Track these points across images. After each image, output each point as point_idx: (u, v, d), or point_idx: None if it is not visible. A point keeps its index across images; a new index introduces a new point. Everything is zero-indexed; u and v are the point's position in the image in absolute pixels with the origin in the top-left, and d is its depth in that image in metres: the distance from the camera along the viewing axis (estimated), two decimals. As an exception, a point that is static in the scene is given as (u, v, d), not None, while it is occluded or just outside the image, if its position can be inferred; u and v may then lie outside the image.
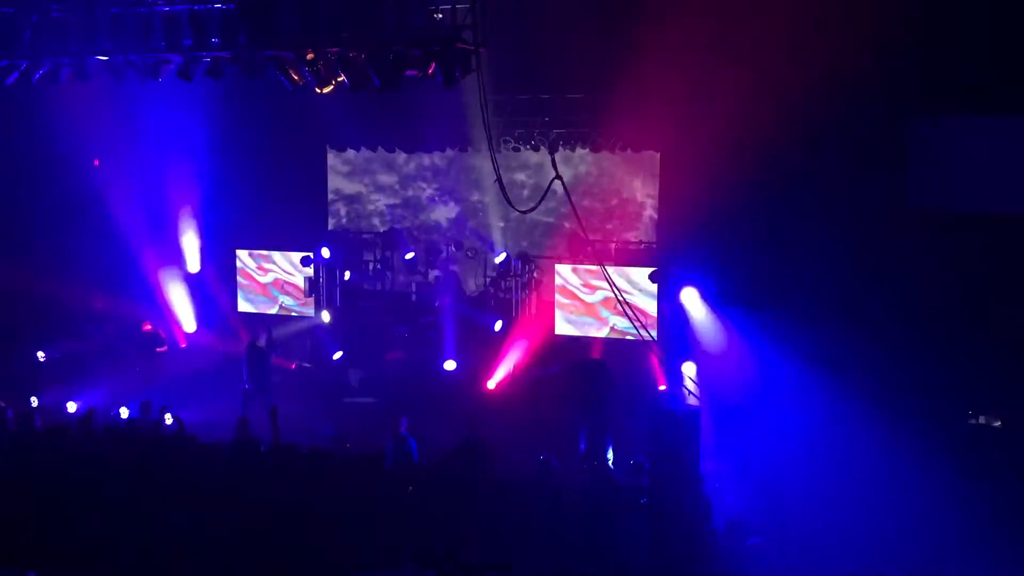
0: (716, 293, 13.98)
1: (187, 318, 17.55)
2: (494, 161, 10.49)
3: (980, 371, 11.82)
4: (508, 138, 15.71)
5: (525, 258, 16.51)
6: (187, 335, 17.50)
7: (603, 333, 15.58)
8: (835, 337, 12.79)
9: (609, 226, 17.04)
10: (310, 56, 10.82)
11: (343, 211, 18.72)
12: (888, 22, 11.51)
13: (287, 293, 17.67)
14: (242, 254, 17.90)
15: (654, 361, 14.21)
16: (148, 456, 10.47)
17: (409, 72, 10.68)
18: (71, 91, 11.68)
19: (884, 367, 12.38)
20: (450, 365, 14.56)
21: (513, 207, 10.71)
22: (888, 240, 12.33)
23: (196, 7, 10.70)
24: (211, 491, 9.76)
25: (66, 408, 13.97)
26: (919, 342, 12.25)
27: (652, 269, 15.27)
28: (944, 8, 11.30)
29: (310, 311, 17.38)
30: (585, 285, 15.83)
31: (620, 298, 11.72)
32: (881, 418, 11.74)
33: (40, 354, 15.46)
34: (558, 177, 10.55)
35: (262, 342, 15.24)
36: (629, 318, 13.93)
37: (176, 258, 17.71)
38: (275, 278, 17.79)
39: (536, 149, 16.01)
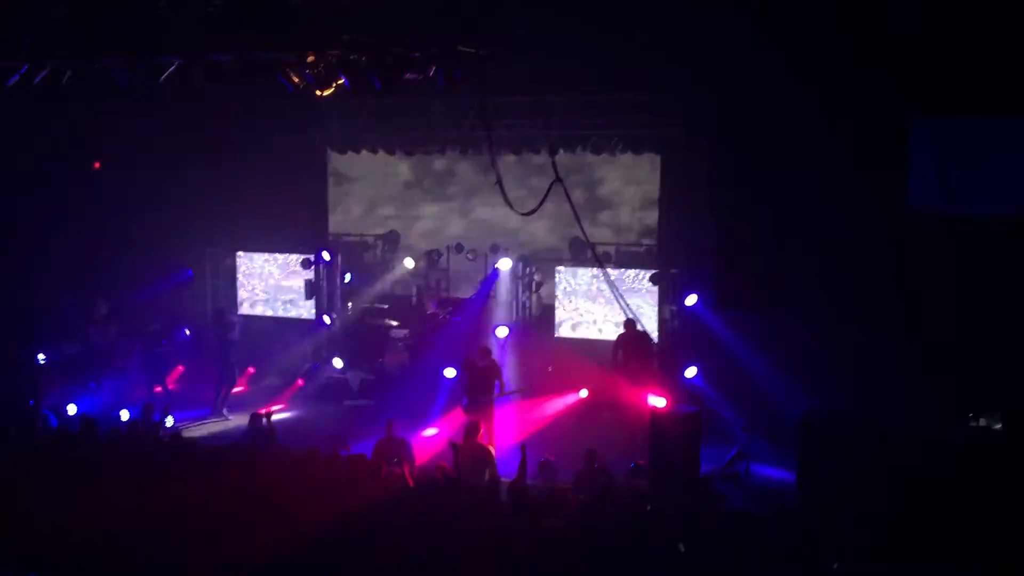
0: (716, 294, 13.99)
1: (189, 320, 17.56)
2: (494, 163, 10.51)
3: (981, 372, 11.80)
4: (509, 140, 15.73)
5: (526, 260, 16.52)
6: (188, 337, 17.49)
7: (603, 335, 15.55)
8: (835, 338, 12.79)
9: (610, 228, 17.07)
10: (311, 58, 10.82)
11: (343, 213, 18.74)
12: (889, 22, 11.54)
13: (286, 295, 17.70)
14: (243, 256, 17.92)
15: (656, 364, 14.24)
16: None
17: (409, 74, 10.68)
18: (71, 92, 11.66)
19: (884, 368, 12.38)
20: (450, 372, 14.53)
21: (514, 209, 10.71)
22: (888, 240, 12.32)
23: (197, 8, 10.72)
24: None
25: (66, 411, 13.94)
26: (919, 343, 12.25)
27: (653, 271, 15.28)
28: (945, 8, 11.30)
29: (310, 314, 17.40)
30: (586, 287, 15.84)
31: (621, 300, 11.79)
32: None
33: (40, 356, 15.45)
34: (559, 179, 10.56)
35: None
36: (631, 319, 14.06)
37: (177, 260, 17.73)
38: (274, 280, 17.82)
39: (536, 151, 16.03)
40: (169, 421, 12.98)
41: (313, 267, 17.14)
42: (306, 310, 17.45)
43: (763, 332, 13.49)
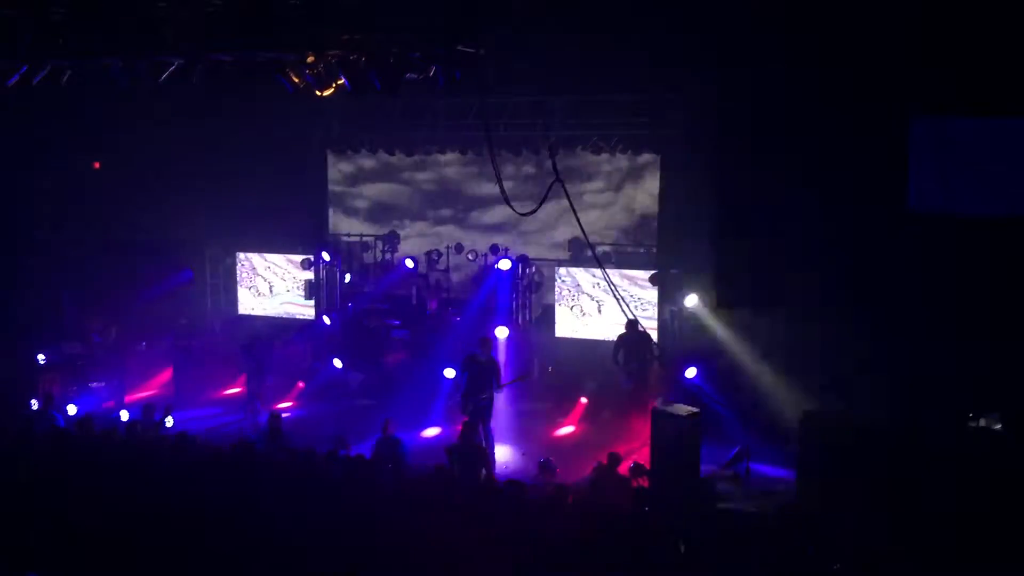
0: (716, 294, 13.98)
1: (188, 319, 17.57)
2: (494, 163, 10.50)
3: (981, 372, 11.80)
4: (508, 140, 15.74)
5: (526, 261, 16.50)
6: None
7: (603, 335, 15.54)
8: (835, 338, 12.78)
9: (610, 228, 17.05)
10: (310, 59, 10.82)
11: (344, 213, 18.73)
12: (888, 22, 11.54)
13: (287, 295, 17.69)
14: (243, 256, 17.92)
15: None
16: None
17: (409, 75, 10.68)
18: (71, 92, 11.67)
19: (884, 368, 12.37)
20: (449, 373, 14.51)
21: (513, 209, 10.70)
22: (888, 240, 12.32)
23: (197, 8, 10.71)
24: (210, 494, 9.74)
25: (66, 411, 13.94)
26: (919, 343, 12.24)
27: (653, 272, 15.27)
28: (945, 8, 11.30)
29: (310, 314, 17.40)
30: (586, 287, 15.83)
31: (621, 300, 11.75)
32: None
33: (40, 357, 15.43)
34: (559, 179, 10.55)
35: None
36: (633, 320, 14.04)
37: (177, 260, 17.73)
38: (275, 281, 17.82)
39: (537, 151, 16.04)
40: (169, 421, 12.96)
41: (313, 267, 17.14)
42: (306, 310, 17.45)
43: (763, 332, 13.49)
